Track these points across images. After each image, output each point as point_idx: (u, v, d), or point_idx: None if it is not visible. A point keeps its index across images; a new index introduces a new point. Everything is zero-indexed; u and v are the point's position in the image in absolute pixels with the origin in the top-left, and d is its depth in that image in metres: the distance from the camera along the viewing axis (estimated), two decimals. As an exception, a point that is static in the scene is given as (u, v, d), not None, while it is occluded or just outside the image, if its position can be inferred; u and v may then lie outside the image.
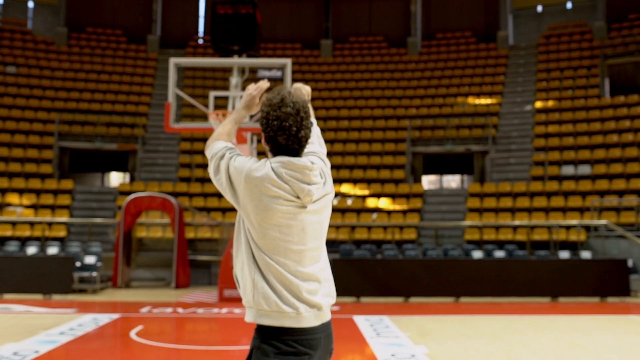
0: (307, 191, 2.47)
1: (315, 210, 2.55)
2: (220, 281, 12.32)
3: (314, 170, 2.49)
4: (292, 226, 2.49)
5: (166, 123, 9.55)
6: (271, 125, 2.49)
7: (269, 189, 2.44)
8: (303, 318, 2.44)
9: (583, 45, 25.03)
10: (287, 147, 2.50)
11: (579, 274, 12.78)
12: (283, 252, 2.48)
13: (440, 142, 21.41)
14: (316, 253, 2.57)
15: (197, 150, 20.97)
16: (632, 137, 19.18)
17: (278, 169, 2.46)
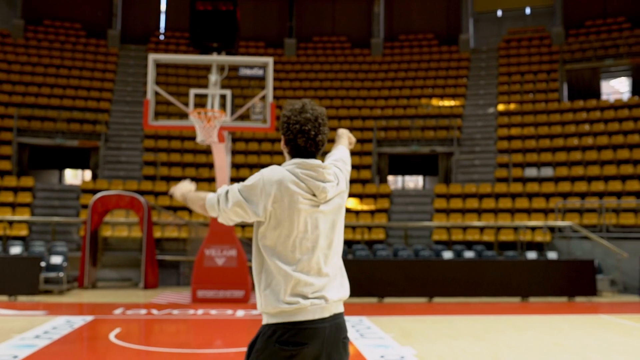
0: (322, 188, 2.64)
1: (329, 210, 2.71)
2: (193, 282, 12.13)
3: (327, 168, 2.68)
4: (307, 223, 2.64)
5: (145, 120, 9.33)
6: (292, 129, 2.68)
7: (289, 188, 2.61)
8: (307, 312, 2.57)
9: (542, 50, 25.62)
10: (305, 149, 2.70)
11: (548, 275, 13.07)
12: (298, 249, 2.62)
13: (405, 143, 21.59)
14: (328, 251, 2.70)
15: (161, 148, 20.60)
16: (591, 140, 19.73)
17: (294, 170, 2.65)
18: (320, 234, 2.68)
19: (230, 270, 12.13)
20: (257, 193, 2.62)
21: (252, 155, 20.76)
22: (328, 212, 2.72)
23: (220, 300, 12.04)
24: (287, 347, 2.52)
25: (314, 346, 2.55)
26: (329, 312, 2.63)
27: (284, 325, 2.56)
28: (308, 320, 2.57)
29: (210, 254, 12.11)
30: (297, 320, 2.56)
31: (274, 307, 2.57)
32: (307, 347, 2.54)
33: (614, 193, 17.43)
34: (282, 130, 2.74)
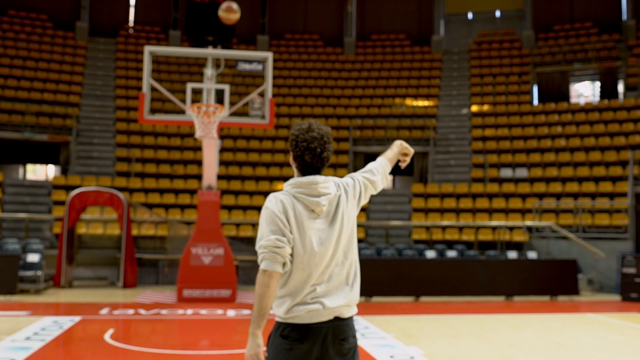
0: (317, 203, 2.86)
1: (334, 223, 2.91)
2: (179, 281, 11.85)
3: (322, 183, 2.90)
4: (312, 239, 2.85)
5: (140, 114, 9.05)
6: (300, 146, 2.91)
7: (292, 209, 2.85)
8: (305, 317, 2.80)
9: (513, 52, 26.00)
10: (312, 164, 2.92)
11: (532, 274, 13.23)
12: (307, 265, 2.83)
13: (381, 142, 21.61)
14: (334, 261, 2.90)
15: (134, 144, 20.13)
16: (564, 142, 20.09)
17: (290, 191, 2.90)
18: (328, 248, 2.87)
19: (217, 269, 11.89)
20: (279, 224, 2.83)
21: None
22: (333, 225, 2.91)
23: (207, 300, 11.80)
24: (287, 341, 2.79)
25: (309, 343, 2.80)
26: (327, 316, 2.83)
27: (287, 324, 2.83)
28: (306, 324, 2.81)
29: (197, 252, 11.85)
30: (297, 323, 2.81)
31: (283, 312, 2.82)
32: (303, 343, 2.79)
33: (588, 194, 17.77)
34: (291, 147, 2.96)
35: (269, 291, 2.77)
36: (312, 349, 2.81)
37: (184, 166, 19.48)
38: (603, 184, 17.93)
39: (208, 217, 11.98)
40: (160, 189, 18.23)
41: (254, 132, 21.07)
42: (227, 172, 19.30)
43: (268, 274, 2.77)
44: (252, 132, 21.10)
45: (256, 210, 17.88)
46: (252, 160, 20.17)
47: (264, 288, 2.77)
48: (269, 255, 2.79)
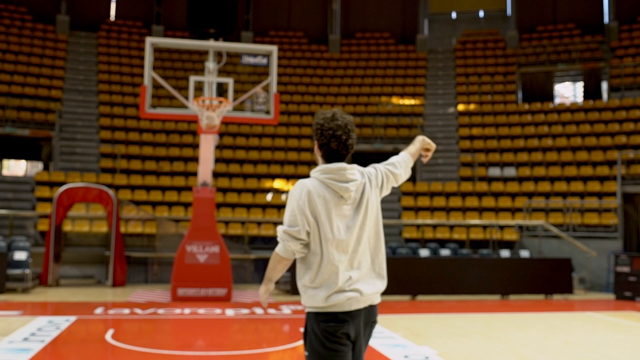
0: (345, 188, 2.92)
1: (360, 210, 2.98)
2: (174, 279, 11.57)
3: (350, 169, 2.96)
4: (339, 225, 2.92)
5: (141, 108, 8.77)
6: (325, 134, 2.98)
7: (319, 195, 2.91)
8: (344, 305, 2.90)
9: (497, 52, 26.10)
10: (337, 152, 2.99)
11: (527, 273, 13.21)
12: (337, 250, 2.90)
13: (368, 141, 21.51)
14: (361, 247, 2.98)
15: (118, 140, 19.72)
16: (551, 142, 20.19)
17: (318, 177, 2.96)
18: (354, 234, 2.95)
19: (213, 268, 11.65)
20: (296, 215, 2.91)
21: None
22: (358, 212, 2.98)
23: (202, 299, 11.55)
24: (330, 324, 2.87)
25: (347, 327, 2.89)
26: (364, 304, 2.95)
27: (325, 312, 2.90)
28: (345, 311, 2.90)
29: (192, 250, 11.59)
30: (337, 312, 2.89)
31: (321, 301, 2.88)
32: (342, 328, 2.88)
33: (576, 193, 17.87)
34: (316, 136, 3.02)
35: (276, 270, 3.03)
36: (349, 333, 2.91)
37: (170, 163, 19.14)
38: (591, 183, 18.05)
39: (203, 214, 11.73)
40: (146, 186, 17.87)
41: (240, 129, 20.80)
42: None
43: (278, 258, 2.99)
44: (239, 128, 20.83)
45: (244, 208, 17.63)
46: (239, 157, 19.90)
47: (274, 265, 3.02)
48: (282, 243, 2.94)
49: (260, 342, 8.03)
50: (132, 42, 25.02)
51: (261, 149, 20.52)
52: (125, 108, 21.27)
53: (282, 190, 18.76)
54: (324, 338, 2.87)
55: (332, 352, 2.87)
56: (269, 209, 17.75)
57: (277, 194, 18.42)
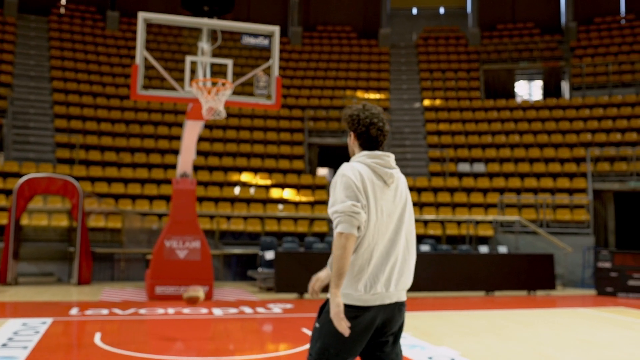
0: (390, 174, 2.97)
1: (399, 199, 3.01)
2: (151, 277, 10.82)
3: (391, 156, 3.03)
4: (383, 210, 2.93)
5: (132, 89, 8.03)
6: (363, 122, 3.02)
7: (368, 178, 2.91)
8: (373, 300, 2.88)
9: (459, 49, 26.12)
10: (376, 138, 3.04)
11: (511, 269, 13.05)
12: (376, 236, 2.89)
13: (335, 134, 21.09)
14: (401, 237, 2.99)
15: (75, 129, 18.60)
16: (518, 138, 20.25)
17: (365, 160, 2.97)
18: (393, 221, 2.97)
19: (193, 264, 10.95)
20: (355, 191, 2.85)
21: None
22: (398, 201, 3.01)
23: (182, 297, 10.81)
24: (353, 310, 2.82)
25: (374, 312, 2.86)
26: (389, 299, 2.92)
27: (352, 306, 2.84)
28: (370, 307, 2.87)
29: (171, 245, 10.86)
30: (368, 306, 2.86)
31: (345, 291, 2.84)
32: (368, 311, 2.85)
33: (546, 190, 17.93)
34: (353, 126, 3.05)
35: (346, 252, 2.79)
36: (376, 317, 2.88)
37: (132, 154, 18.19)
38: (561, 180, 18.15)
39: (183, 207, 11.01)
40: (107, 178, 16.90)
41: (204, 120, 19.98)
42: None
43: (345, 236, 2.79)
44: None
45: (212, 201, 16.90)
46: (203, 149, 19.11)
47: (341, 250, 2.79)
48: (346, 218, 2.80)
49: (268, 344, 7.45)
50: (85, 28, 23.81)
51: (226, 141, 19.78)
52: (81, 96, 20.15)
53: (249, 183, 18.11)
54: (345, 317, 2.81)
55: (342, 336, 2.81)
56: (237, 202, 17.08)
57: (245, 188, 17.76)
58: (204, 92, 7.71)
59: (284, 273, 11.52)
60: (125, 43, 23.57)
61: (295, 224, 16.52)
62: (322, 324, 2.91)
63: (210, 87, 7.80)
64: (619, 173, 17.76)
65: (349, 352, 2.88)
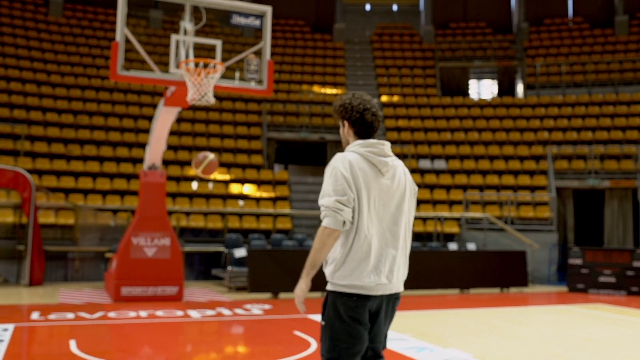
0: (384, 162, 2.91)
1: (396, 189, 2.95)
2: (117, 277, 10.01)
3: (386, 144, 2.98)
4: (377, 200, 2.88)
5: (112, 69, 7.26)
6: (356, 109, 2.97)
7: (360, 168, 2.86)
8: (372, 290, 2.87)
9: (414, 46, 26.06)
10: (371, 124, 2.99)
11: (485, 266, 12.87)
12: (373, 223, 2.87)
13: (292, 129, 20.55)
14: (398, 229, 2.95)
15: (18, 119, 17.35)
16: (477, 135, 20.25)
17: (358, 150, 2.92)
18: (389, 210, 2.92)
19: (162, 263, 10.20)
20: (343, 184, 2.81)
21: (130, 134, 18.31)
22: (395, 190, 2.95)
23: (150, 299, 10.08)
24: (353, 298, 2.84)
25: (377, 301, 2.90)
26: (391, 290, 2.95)
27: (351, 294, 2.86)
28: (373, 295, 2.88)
29: (139, 243, 10.08)
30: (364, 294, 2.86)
31: (347, 280, 2.83)
32: (370, 301, 2.87)
33: (508, 187, 17.94)
34: (347, 114, 2.99)
35: (325, 247, 2.80)
36: (380, 306, 2.93)
37: (81, 146, 17.10)
38: (522, 177, 18.21)
39: (152, 201, 10.25)
40: (55, 171, 15.80)
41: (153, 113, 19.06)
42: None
43: (328, 231, 2.80)
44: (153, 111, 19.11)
45: (169, 197, 16.05)
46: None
47: (321, 244, 2.80)
48: (331, 213, 2.79)
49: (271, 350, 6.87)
50: (26, 13, 22.41)
51: (181, 134, 18.91)
52: (24, 84, 18.86)
53: (207, 178, 17.35)
54: (345, 313, 2.84)
55: (349, 328, 2.84)
56: (196, 198, 16.30)
57: (203, 183, 16.99)
58: (193, 75, 7.05)
59: (258, 272, 10.91)
60: (70, 30, 22.31)
61: (257, 220, 15.90)
62: (327, 320, 2.90)
63: (200, 69, 7.15)
64: (577, 171, 17.97)
65: (358, 343, 2.86)
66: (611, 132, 19.42)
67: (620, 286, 12.50)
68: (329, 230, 2.79)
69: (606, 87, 21.98)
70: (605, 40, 24.54)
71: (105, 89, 19.74)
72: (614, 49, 23.81)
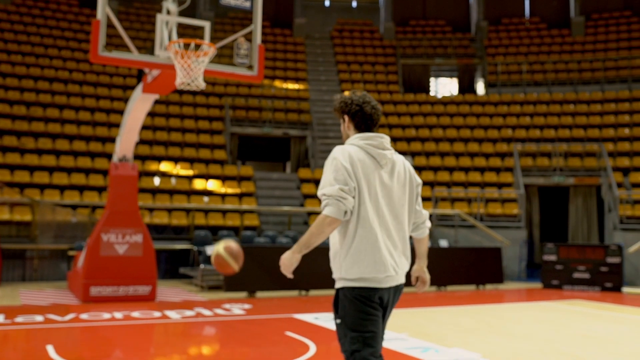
0: (383, 155, 2.93)
1: (397, 181, 2.99)
2: (85, 276, 9.36)
3: (386, 138, 2.99)
4: (378, 193, 2.89)
5: (93, 50, 6.68)
6: (356, 102, 3.03)
7: (359, 160, 2.87)
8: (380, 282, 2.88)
9: (375, 43, 25.91)
10: (371, 116, 3.03)
11: (461, 263, 12.72)
12: (375, 214, 2.86)
13: (255, 124, 20.06)
14: (400, 220, 2.97)
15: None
16: (442, 132, 20.20)
17: (357, 142, 2.95)
18: (390, 203, 2.94)
19: (134, 261, 9.61)
20: (344, 174, 2.82)
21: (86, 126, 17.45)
22: (396, 183, 2.99)
23: (122, 299, 9.47)
24: (365, 291, 2.83)
25: (384, 292, 2.90)
26: (396, 281, 2.95)
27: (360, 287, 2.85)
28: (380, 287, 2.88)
29: (109, 239, 9.45)
30: (371, 287, 2.85)
31: (357, 274, 2.82)
32: (378, 292, 2.87)
33: (475, 184, 17.92)
34: (347, 107, 3.05)
35: (322, 235, 2.80)
36: (388, 297, 2.93)
37: (35, 139, 16.17)
38: (488, 174, 18.23)
39: (123, 195, 9.64)
40: (9, 165, 14.88)
41: (113, 105, 18.28)
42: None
43: (330, 220, 2.79)
44: (111, 104, 18.32)
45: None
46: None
47: (319, 230, 2.79)
48: (333, 202, 2.79)
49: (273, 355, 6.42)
50: None
51: (142, 128, 18.11)
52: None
53: (169, 173, 16.69)
54: (358, 302, 2.84)
55: (366, 315, 2.84)
56: (159, 194, 15.63)
57: (166, 178, 16.33)
58: (184, 57, 6.53)
59: (234, 270, 10.40)
60: (20, 18, 21.18)
61: (224, 217, 15.36)
62: (342, 316, 2.88)
63: (191, 51, 6.64)
64: (542, 168, 18.10)
65: (378, 332, 2.87)
66: (573, 130, 19.67)
67: (595, 282, 12.54)
68: (330, 219, 2.78)
69: (565, 86, 22.30)
70: (563, 41, 24.92)
71: (59, 80, 18.80)
72: (572, 49, 24.20)
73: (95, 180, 15.30)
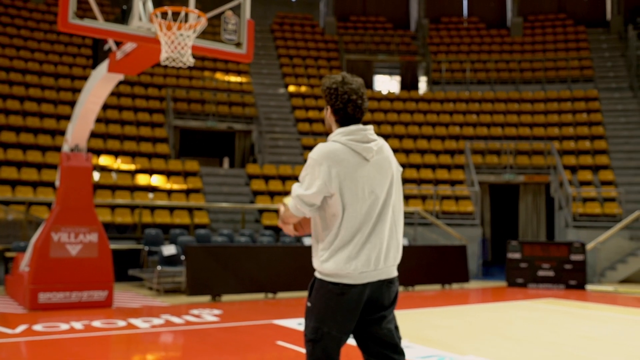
0: (368, 148, 2.87)
1: (383, 174, 2.90)
2: (32, 281, 8.27)
3: (369, 129, 2.94)
4: (364, 188, 2.83)
5: (62, 17, 5.71)
6: (340, 99, 2.91)
7: (341, 158, 2.81)
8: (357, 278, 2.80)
9: (317, 37, 25.38)
10: (353, 116, 2.93)
11: (427, 261, 12.33)
12: (358, 215, 2.80)
13: (197, 117, 19.07)
14: (387, 214, 2.88)
15: None
16: (390, 129, 19.88)
17: (339, 139, 2.88)
18: (377, 196, 2.85)
19: (89, 263, 8.59)
20: (315, 182, 2.79)
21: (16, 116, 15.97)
22: (383, 175, 2.89)
23: (75, 305, 8.44)
24: (338, 287, 2.79)
25: (361, 289, 2.81)
26: (378, 277, 2.84)
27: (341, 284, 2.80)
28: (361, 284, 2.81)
29: (60, 239, 8.40)
30: (352, 284, 2.79)
31: (337, 268, 2.77)
32: (355, 288, 2.79)
33: (427, 181, 17.67)
34: (331, 100, 2.93)
35: (293, 218, 2.96)
36: (364, 294, 2.82)
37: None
38: (440, 171, 18.03)
39: (76, 189, 8.60)
40: None
41: (44, 93, 16.85)
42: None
43: (290, 214, 2.92)
44: (37, 92, 16.88)
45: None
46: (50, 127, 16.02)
47: (289, 215, 2.92)
48: (292, 204, 2.86)
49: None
50: None
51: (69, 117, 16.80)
52: None
53: (110, 168, 15.51)
54: (330, 298, 2.80)
55: (335, 312, 2.80)
56: (100, 190, 14.44)
57: (106, 173, 15.13)
58: (172, 29, 5.68)
59: (197, 272, 9.56)
60: None
61: (171, 214, 14.36)
62: (313, 302, 2.87)
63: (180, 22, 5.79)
64: (491, 166, 18.08)
65: (342, 329, 2.82)
66: (519, 128, 19.80)
67: (559, 280, 12.45)
68: (289, 214, 2.93)
69: (508, 85, 22.50)
70: (502, 41, 25.20)
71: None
72: (512, 49, 24.50)
73: (28, 175, 13.96)
